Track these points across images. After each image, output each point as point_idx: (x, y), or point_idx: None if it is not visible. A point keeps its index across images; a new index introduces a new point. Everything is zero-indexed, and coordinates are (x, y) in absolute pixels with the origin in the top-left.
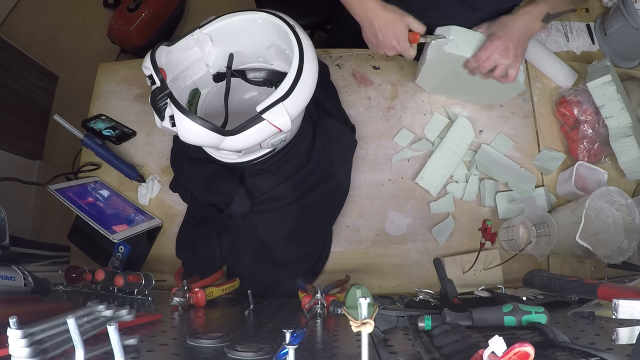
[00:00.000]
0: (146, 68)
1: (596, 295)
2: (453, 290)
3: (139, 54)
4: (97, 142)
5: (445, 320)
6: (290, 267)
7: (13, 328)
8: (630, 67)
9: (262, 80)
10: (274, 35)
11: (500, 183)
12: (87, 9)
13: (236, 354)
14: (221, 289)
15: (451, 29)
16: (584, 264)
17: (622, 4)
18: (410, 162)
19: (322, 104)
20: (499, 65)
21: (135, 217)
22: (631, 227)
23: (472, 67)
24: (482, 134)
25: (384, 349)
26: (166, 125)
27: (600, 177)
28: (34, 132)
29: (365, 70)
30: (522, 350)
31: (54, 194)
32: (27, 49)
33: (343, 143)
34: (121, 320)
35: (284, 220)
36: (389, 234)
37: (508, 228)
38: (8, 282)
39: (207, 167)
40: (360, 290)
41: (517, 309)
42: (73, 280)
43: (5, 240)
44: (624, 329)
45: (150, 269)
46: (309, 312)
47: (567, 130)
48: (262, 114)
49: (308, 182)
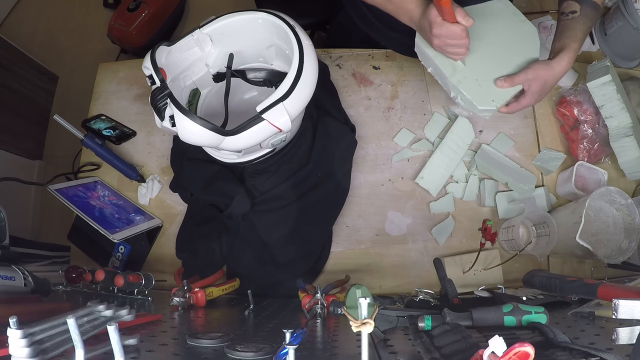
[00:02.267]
0: (146, 68)
1: (596, 295)
2: (453, 290)
3: (139, 54)
4: (97, 142)
5: (445, 320)
6: (290, 267)
7: (13, 328)
8: (630, 67)
9: (262, 80)
10: (274, 35)
11: (500, 183)
12: (87, 9)
13: (236, 354)
14: (221, 289)
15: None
16: (584, 264)
17: (622, 4)
18: (410, 162)
19: (322, 104)
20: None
21: (135, 217)
22: (631, 227)
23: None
24: (482, 134)
25: (384, 349)
26: (166, 125)
27: (600, 177)
28: (34, 132)
29: (365, 70)
30: (522, 350)
31: (54, 194)
32: (27, 49)
33: (343, 143)
34: (121, 320)
35: (284, 220)
36: (389, 234)
37: (508, 228)
38: (8, 282)
39: (207, 167)
40: (360, 290)
41: (517, 309)
42: (73, 280)
43: (5, 240)
44: (624, 329)
45: (150, 269)
46: (309, 312)
47: (567, 130)
48: (262, 114)
49: (308, 182)
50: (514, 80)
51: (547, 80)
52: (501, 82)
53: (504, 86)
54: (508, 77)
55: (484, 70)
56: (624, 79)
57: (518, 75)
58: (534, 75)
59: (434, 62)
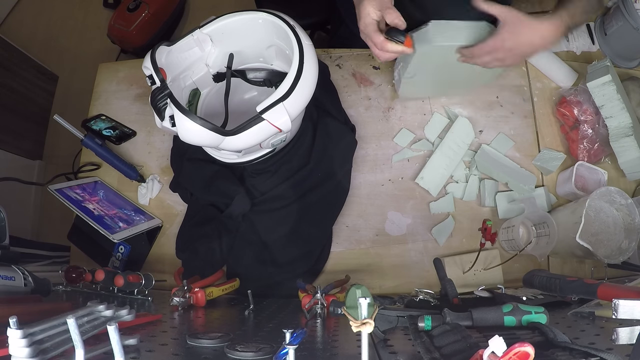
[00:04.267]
0: (146, 68)
1: (596, 295)
2: (453, 290)
3: (139, 54)
4: (97, 142)
5: (445, 320)
6: (290, 267)
7: (13, 328)
8: (630, 67)
9: (262, 80)
10: (274, 35)
11: (500, 183)
12: (87, 9)
13: (236, 354)
14: (221, 289)
15: (434, 22)
16: (584, 264)
17: (622, 4)
18: (410, 162)
19: (322, 104)
20: (497, 62)
21: (135, 217)
22: (631, 227)
23: (466, 55)
24: (482, 134)
25: (384, 349)
26: (166, 125)
27: (600, 177)
28: (34, 132)
29: (365, 70)
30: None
31: (54, 194)
32: (27, 49)
33: (343, 143)
34: (121, 320)
35: (284, 221)
36: (389, 234)
37: (508, 228)
38: (8, 282)
39: (207, 167)
40: (360, 290)
41: (517, 309)
42: (73, 280)
43: (5, 240)
44: (624, 329)
45: (150, 269)
46: (309, 312)
47: (567, 130)
48: (262, 114)
49: (308, 182)
50: (491, 8)
51: (524, 34)
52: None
53: (481, 7)
54: (485, 1)
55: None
56: (624, 79)
57: (496, 6)
58: (512, 18)
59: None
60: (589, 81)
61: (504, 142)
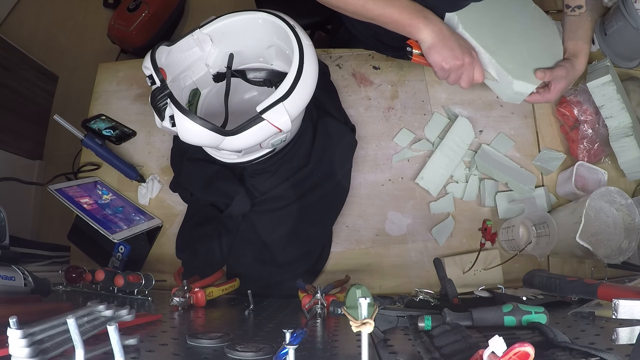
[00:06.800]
0: (146, 68)
1: (596, 295)
2: (453, 290)
3: (139, 54)
4: (97, 142)
5: (445, 320)
6: (290, 267)
7: (13, 328)
8: (630, 67)
9: (262, 80)
10: (274, 35)
11: (500, 183)
12: (87, 9)
13: (236, 354)
14: (221, 289)
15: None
16: (584, 264)
17: (622, 4)
18: (410, 162)
19: (322, 104)
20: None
21: (135, 217)
22: (631, 227)
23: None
24: (482, 134)
25: (384, 349)
26: (166, 125)
27: (600, 177)
28: (34, 132)
29: (365, 70)
30: (522, 350)
31: (54, 194)
32: (27, 49)
33: (343, 143)
34: (121, 320)
35: (284, 221)
36: (389, 234)
37: (508, 228)
38: (8, 282)
39: (207, 167)
40: (360, 290)
41: (517, 309)
42: (73, 280)
43: (5, 240)
44: (624, 329)
45: (150, 269)
46: (309, 312)
47: (567, 130)
48: (262, 114)
49: (308, 182)
50: (553, 74)
51: (570, 81)
52: (542, 73)
53: (544, 78)
54: (547, 70)
55: (518, 58)
56: (624, 79)
57: (555, 70)
58: (564, 74)
59: (475, 43)
60: (589, 81)
61: (504, 142)
